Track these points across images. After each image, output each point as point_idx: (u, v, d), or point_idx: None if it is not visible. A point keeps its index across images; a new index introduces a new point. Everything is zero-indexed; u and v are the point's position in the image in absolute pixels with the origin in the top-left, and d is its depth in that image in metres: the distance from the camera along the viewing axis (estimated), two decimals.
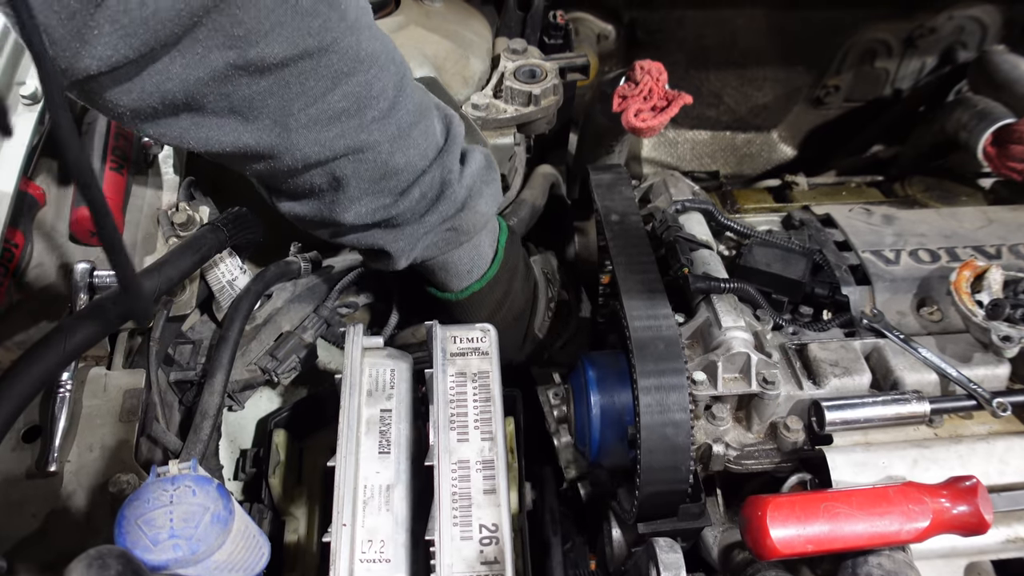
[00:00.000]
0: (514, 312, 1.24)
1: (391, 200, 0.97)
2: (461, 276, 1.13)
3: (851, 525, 0.88)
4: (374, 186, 0.95)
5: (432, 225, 1.02)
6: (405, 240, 1.02)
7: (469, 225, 1.06)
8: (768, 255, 1.21)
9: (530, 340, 1.28)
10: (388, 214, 0.98)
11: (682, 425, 0.98)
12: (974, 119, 1.47)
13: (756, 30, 1.89)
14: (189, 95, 0.76)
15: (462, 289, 1.14)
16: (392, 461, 0.96)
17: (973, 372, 1.08)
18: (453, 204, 1.02)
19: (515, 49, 1.37)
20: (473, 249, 1.11)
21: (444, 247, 1.07)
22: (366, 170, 0.92)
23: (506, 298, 1.20)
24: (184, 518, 0.81)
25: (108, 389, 1.07)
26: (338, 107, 0.85)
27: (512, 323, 1.25)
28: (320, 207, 0.97)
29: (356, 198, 0.95)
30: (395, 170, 0.94)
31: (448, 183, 1.01)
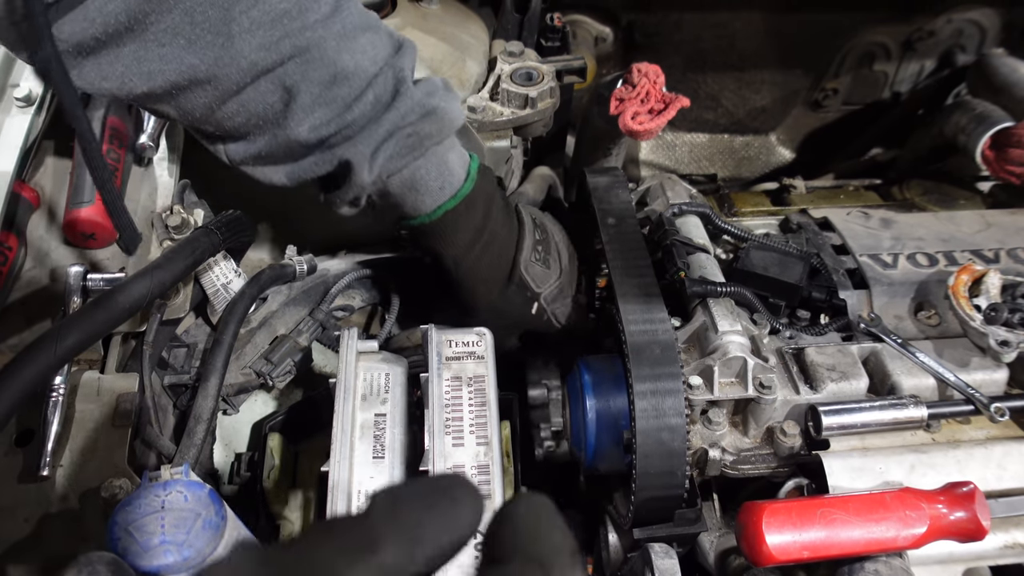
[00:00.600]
0: (497, 244, 1.15)
1: (344, 107, 0.94)
2: (432, 192, 1.06)
3: (847, 531, 0.87)
4: (325, 92, 0.92)
5: (391, 126, 0.97)
6: (364, 143, 0.97)
7: (431, 129, 1.01)
8: (765, 259, 1.21)
9: (516, 280, 1.17)
10: (344, 122, 0.94)
11: (678, 430, 0.98)
12: (972, 122, 1.47)
13: (754, 33, 1.88)
14: (131, 15, 0.77)
15: (436, 208, 1.07)
16: (386, 466, 0.96)
17: (971, 377, 1.08)
18: (410, 104, 0.98)
19: (512, 52, 1.37)
20: (441, 163, 1.06)
21: (407, 154, 1.01)
22: (315, 73, 0.90)
23: (486, 224, 1.12)
24: (176, 524, 0.80)
25: (101, 393, 1.07)
26: (279, 8, 0.85)
27: (496, 257, 1.16)
28: (274, 133, 0.94)
29: (309, 107, 0.92)
30: (345, 73, 0.92)
31: (402, 81, 0.98)
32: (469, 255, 1.12)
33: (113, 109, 1.25)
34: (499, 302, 1.18)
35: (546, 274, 1.20)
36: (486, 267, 1.14)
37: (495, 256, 1.15)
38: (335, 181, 1.02)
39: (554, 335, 1.26)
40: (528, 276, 1.18)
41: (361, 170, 0.98)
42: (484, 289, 1.16)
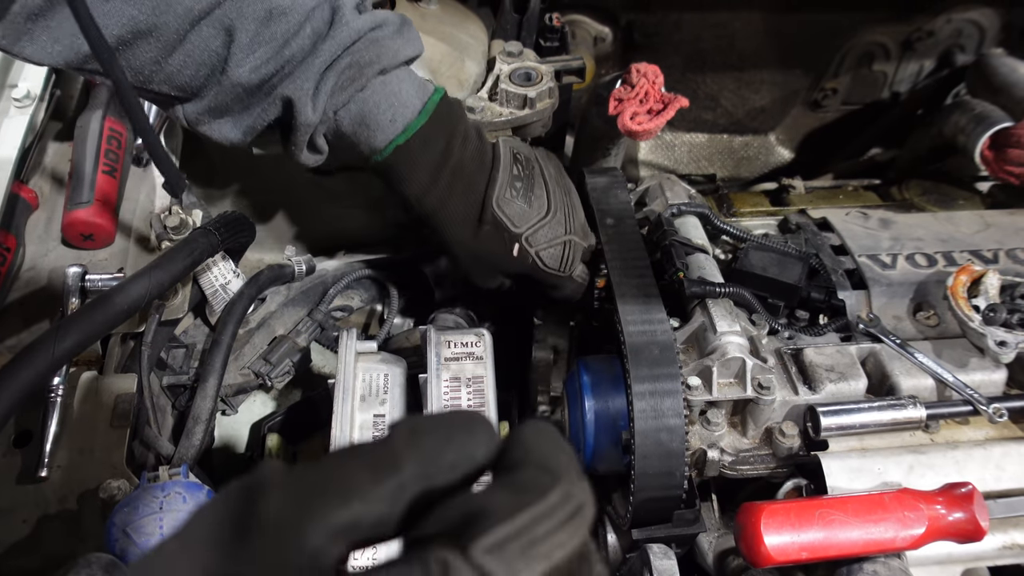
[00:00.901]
0: (463, 180, 1.07)
1: (283, 43, 0.93)
2: (383, 126, 1.01)
3: (846, 532, 0.87)
4: (263, 29, 0.91)
5: (328, 56, 0.95)
6: (303, 78, 0.94)
7: (373, 56, 0.98)
8: (764, 259, 1.21)
9: (489, 219, 1.08)
10: (283, 58, 0.93)
11: (676, 431, 0.98)
12: (972, 123, 1.47)
13: (753, 33, 1.88)
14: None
15: (388, 143, 1.02)
16: None
17: (970, 377, 1.08)
18: (347, 33, 0.96)
19: (511, 52, 1.37)
20: (390, 94, 1.01)
21: (348, 85, 0.98)
22: (250, 9, 0.90)
23: (446, 159, 1.05)
24: (174, 525, 0.80)
25: (100, 394, 1.07)
26: None
27: (463, 195, 1.08)
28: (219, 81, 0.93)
29: (248, 47, 0.91)
30: (281, 8, 0.92)
31: (338, 10, 0.96)
32: (431, 193, 1.06)
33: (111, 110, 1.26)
34: (473, 244, 1.10)
35: (526, 212, 1.11)
36: (454, 206, 1.07)
37: (461, 193, 1.08)
38: (287, 126, 0.99)
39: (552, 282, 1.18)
40: (503, 214, 1.09)
41: (304, 107, 0.95)
42: (455, 230, 1.09)
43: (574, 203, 1.18)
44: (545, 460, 0.39)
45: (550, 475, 0.38)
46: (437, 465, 0.38)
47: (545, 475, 0.38)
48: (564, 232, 1.14)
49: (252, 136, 0.99)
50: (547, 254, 1.13)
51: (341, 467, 0.37)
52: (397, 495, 0.37)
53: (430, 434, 0.39)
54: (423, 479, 0.38)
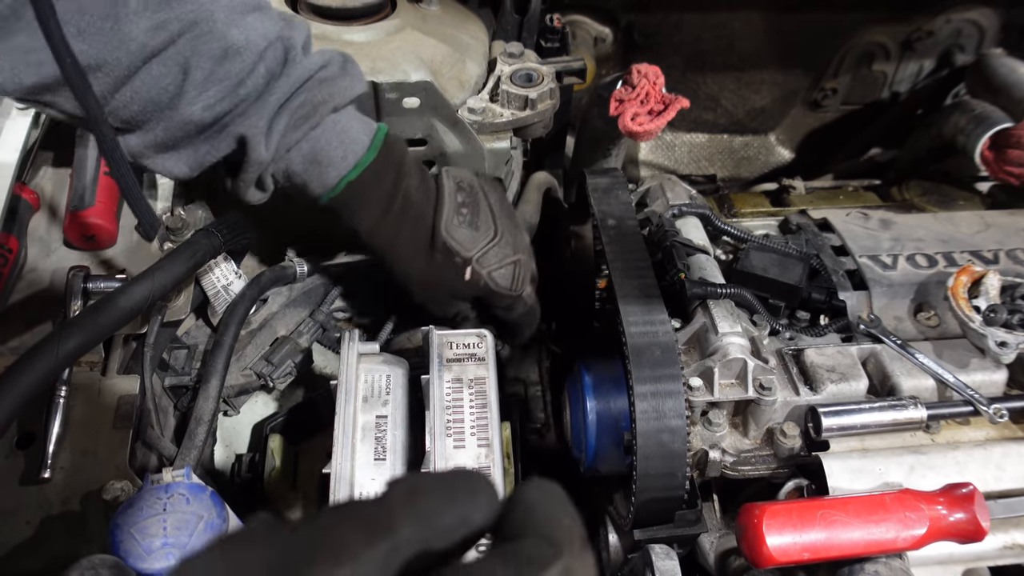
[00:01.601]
0: (412, 210, 1.10)
1: (237, 82, 0.94)
2: (335, 163, 1.03)
3: (847, 532, 0.87)
4: (217, 68, 0.92)
5: (281, 95, 0.96)
6: (257, 116, 0.96)
7: (325, 95, 1.00)
8: (765, 260, 1.21)
9: (440, 246, 1.11)
10: (237, 97, 0.94)
11: (678, 431, 0.98)
12: (971, 123, 1.47)
13: (753, 33, 1.88)
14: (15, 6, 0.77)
15: (340, 180, 1.04)
16: (388, 468, 0.96)
17: (970, 378, 1.08)
18: (300, 72, 0.97)
19: (512, 53, 1.37)
20: (341, 132, 1.04)
21: (302, 124, 0.99)
22: (206, 47, 0.90)
23: (395, 193, 1.08)
24: (178, 526, 0.81)
25: (102, 395, 1.07)
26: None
27: (413, 225, 1.11)
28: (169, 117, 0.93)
29: (201, 84, 0.92)
30: (236, 47, 0.92)
31: (291, 49, 0.97)
32: (383, 225, 1.08)
33: None
34: (428, 272, 1.13)
35: (474, 236, 1.13)
36: (405, 236, 1.10)
37: (411, 224, 1.11)
38: (236, 163, 1.00)
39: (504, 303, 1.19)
40: (453, 240, 1.11)
41: (258, 144, 0.96)
42: (407, 261, 1.12)
43: (518, 226, 1.22)
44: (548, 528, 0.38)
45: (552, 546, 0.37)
46: (434, 528, 0.37)
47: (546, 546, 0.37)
48: (512, 253, 1.17)
49: (198, 171, 1.00)
50: (499, 274, 1.15)
51: (334, 527, 0.36)
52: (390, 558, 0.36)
53: (429, 495, 0.38)
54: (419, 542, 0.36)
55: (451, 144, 1.27)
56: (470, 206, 1.15)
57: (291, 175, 1.04)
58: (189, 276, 1.10)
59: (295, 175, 1.04)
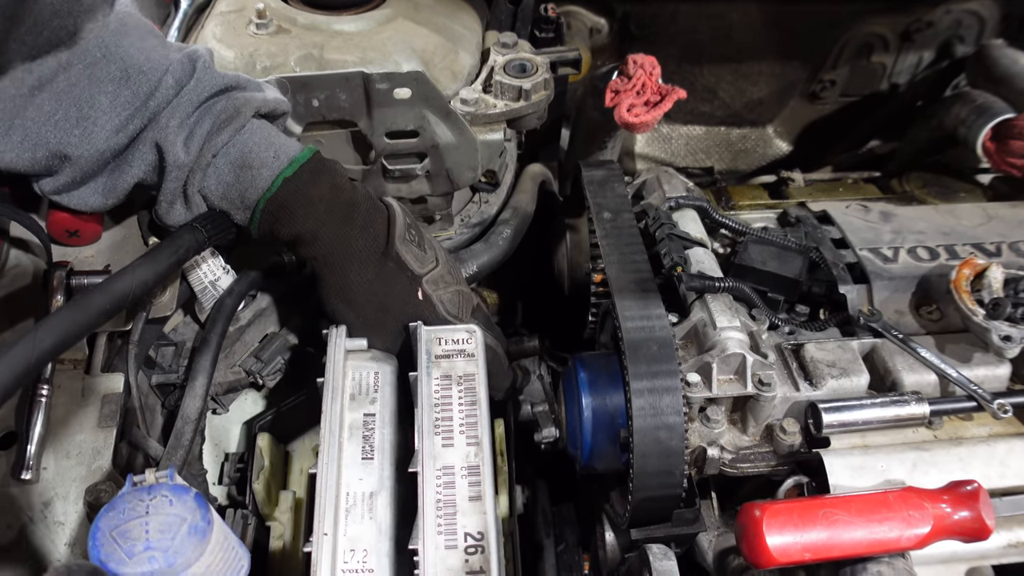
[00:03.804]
0: (361, 213, 1.03)
1: (146, 97, 0.90)
2: (268, 163, 0.98)
3: (850, 532, 0.85)
4: (122, 89, 0.88)
5: (195, 96, 0.92)
6: (168, 116, 0.91)
7: (246, 100, 0.97)
8: (764, 253, 1.19)
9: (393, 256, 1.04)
10: (148, 111, 0.90)
11: (676, 429, 0.96)
12: (973, 114, 1.45)
13: (751, 24, 1.86)
14: None
15: (275, 177, 0.98)
16: (375, 467, 0.94)
17: (973, 373, 1.06)
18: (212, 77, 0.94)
19: (505, 43, 1.34)
20: (269, 134, 0.99)
21: (227, 125, 0.95)
22: (104, 72, 0.87)
23: (338, 193, 1.01)
24: (160, 529, 0.78)
25: (86, 394, 1.04)
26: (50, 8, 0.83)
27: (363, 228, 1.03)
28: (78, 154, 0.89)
29: (108, 110, 0.88)
30: (137, 67, 0.88)
31: (198, 59, 0.94)
32: (328, 226, 1.01)
33: None
34: (378, 285, 1.03)
35: (423, 256, 1.07)
36: (354, 240, 1.02)
37: (361, 228, 1.03)
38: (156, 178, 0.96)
39: None
40: (406, 253, 1.04)
41: (173, 147, 0.92)
42: (356, 268, 1.02)
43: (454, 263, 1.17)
44: None
45: None
46: None
47: None
48: (455, 282, 1.11)
49: (115, 199, 0.98)
50: (447, 298, 1.08)
51: None
52: None
53: None
54: None
55: (443, 136, 1.24)
56: (416, 229, 1.09)
57: (225, 187, 0.99)
58: (173, 272, 1.07)
59: (229, 186, 0.99)
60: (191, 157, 0.95)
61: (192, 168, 0.96)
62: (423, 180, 1.30)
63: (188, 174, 0.97)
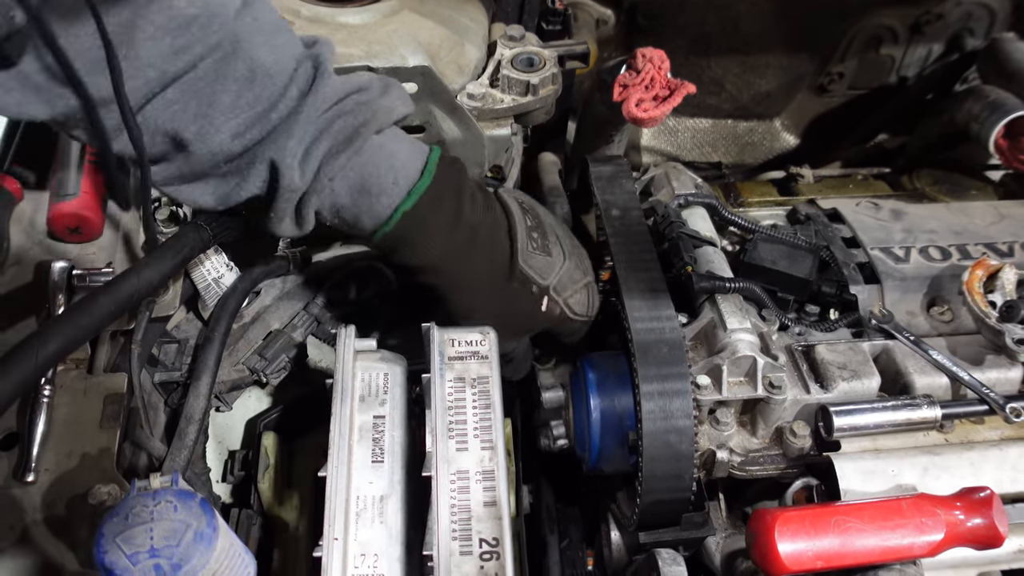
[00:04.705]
0: (481, 239, 1.01)
1: (269, 106, 0.87)
2: (387, 190, 0.94)
3: (862, 539, 0.85)
4: (245, 91, 0.85)
5: (315, 111, 0.88)
6: (287, 138, 0.88)
7: (367, 116, 0.92)
8: (773, 252, 1.17)
9: (518, 276, 1.02)
10: (269, 123, 0.87)
11: (685, 432, 0.95)
12: (986, 110, 1.43)
13: (759, 16, 1.83)
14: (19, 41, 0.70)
15: (394, 210, 0.95)
16: (386, 470, 0.92)
17: (985, 375, 1.05)
18: (332, 88, 0.90)
19: (512, 36, 1.32)
20: (389, 155, 0.95)
21: (344, 147, 0.91)
22: (231, 69, 0.83)
23: (459, 219, 0.98)
24: (165, 535, 0.77)
25: (88, 394, 1.03)
26: (187, 13, 0.79)
27: (485, 255, 1.02)
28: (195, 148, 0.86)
29: (229, 109, 0.84)
30: (265, 69, 0.85)
31: (322, 62, 0.90)
32: (449, 259, 0.99)
33: None
34: (502, 306, 1.03)
35: (549, 263, 1.05)
36: (477, 268, 1.01)
37: (483, 254, 1.01)
38: (268, 193, 0.92)
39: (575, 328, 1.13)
40: (530, 268, 1.03)
41: (290, 171, 0.88)
42: (481, 296, 1.02)
43: (578, 245, 1.14)
44: None
45: None
46: None
47: None
48: (583, 276, 1.11)
49: (227, 206, 0.93)
50: (575, 300, 1.09)
51: None
52: None
53: None
54: None
55: (450, 131, 1.22)
56: (539, 229, 1.07)
57: (339, 209, 0.95)
58: (177, 272, 1.06)
59: (344, 208, 0.95)
60: (307, 181, 0.90)
61: (308, 191, 0.92)
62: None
63: (303, 196, 0.93)
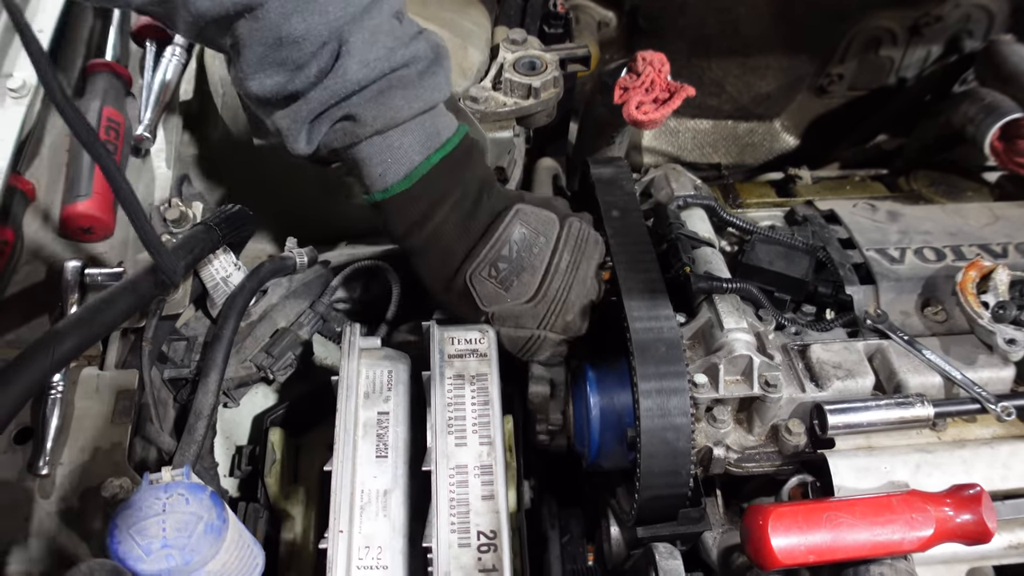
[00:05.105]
0: (440, 246, 1.04)
1: (289, 75, 0.93)
2: (372, 179, 1.00)
3: (853, 534, 0.87)
4: (272, 53, 0.91)
5: (318, 103, 0.93)
6: (289, 118, 0.95)
7: (372, 116, 0.95)
8: (771, 252, 1.19)
9: (458, 287, 1.05)
10: (286, 90, 0.94)
11: (683, 429, 0.97)
12: (981, 113, 1.45)
13: (759, 17, 1.85)
14: None
15: (372, 193, 1.02)
16: (389, 465, 0.95)
17: (978, 375, 1.07)
18: (344, 82, 0.92)
19: (515, 39, 1.34)
20: (386, 148, 0.98)
21: (345, 139, 0.97)
22: (259, 34, 0.89)
23: (424, 222, 1.02)
24: (177, 527, 0.80)
25: (100, 390, 1.06)
26: None
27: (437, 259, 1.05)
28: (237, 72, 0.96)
29: (255, 65, 0.92)
30: (292, 37, 0.89)
31: (343, 55, 0.92)
32: (407, 242, 1.05)
33: (109, 100, 1.23)
34: (444, 297, 1.09)
35: (498, 295, 1.05)
36: (430, 261, 1.06)
37: (437, 256, 1.05)
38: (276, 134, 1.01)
39: None
40: (473, 289, 1.04)
41: (295, 141, 0.97)
42: (429, 280, 1.09)
43: (569, 300, 1.08)
44: None
45: None
46: None
47: None
48: (535, 327, 1.07)
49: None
50: (506, 337, 1.07)
51: None
52: None
53: None
54: None
55: None
56: (513, 263, 1.05)
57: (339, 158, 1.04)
58: (188, 272, 1.09)
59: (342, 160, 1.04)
60: (309, 150, 0.99)
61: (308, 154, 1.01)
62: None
63: None
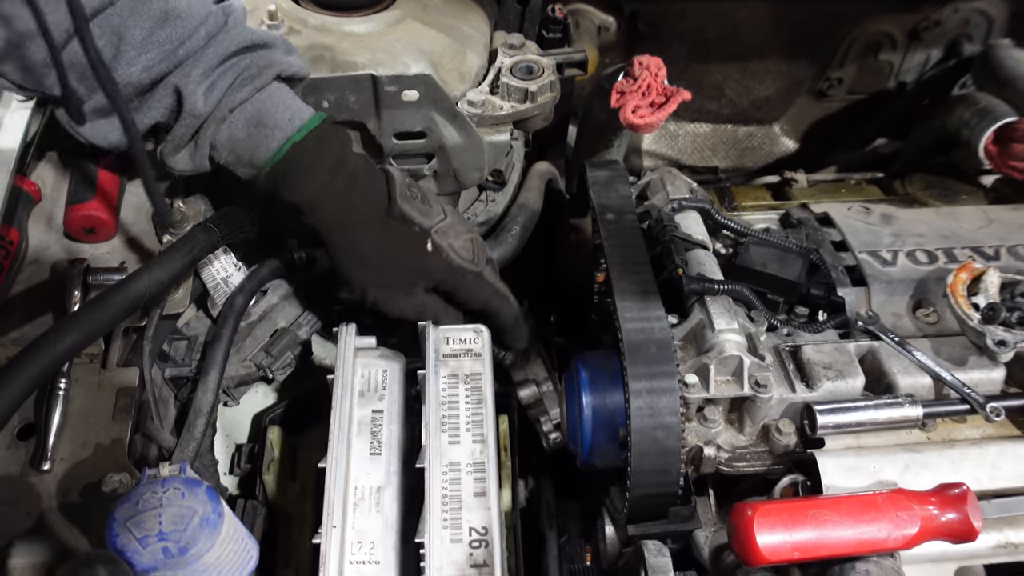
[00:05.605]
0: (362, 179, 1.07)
1: (178, 44, 0.95)
2: (282, 125, 1.01)
3: (838, 532, 0.88)
4: (157, 30, 0.93)
5: (222, 50, 0.97)
6: (194, 68, 0.96)
7: (271, 60, 1.01)
8: (764, 255, 1.20)
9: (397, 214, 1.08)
10: (176, 58, 0.95)
11: (673, 428, 0.98)
12: (976, 116, 1.46)
13: (758, 22, 1.86)
14: None
15: (284, 142, 1.01)
16: (383, 462, 0.97)
17: (968, 376, 1.08)
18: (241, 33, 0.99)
19: (512, 44, 1.36)
20: (288, 97, 1.04)
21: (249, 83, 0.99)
22: (145, 8, 0.92)
23: (342, 163, 1.05)
24: (173, 520, 0.82)
25: (102, 387, 1.08)
26: None
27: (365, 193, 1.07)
28: None
29: (140, 45, 0.93)
30: (177, 12, 0.94)
31: (232, 14, 0.99)
32: (331, 191, 1.04)
33: None
34: (384, 244, 1.08)
35: (428, 210, 1.12)
36: (356, 206, 1.06)
37: (362, 195, 1.06)
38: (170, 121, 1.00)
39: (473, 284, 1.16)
40: (410, 209, 1.08)
41: (193, 96, 0.96)
42: (360, 232, 1.07)
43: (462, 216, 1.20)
44: None
45: None
46: None
47: None
48: (466, 230, 1.15)
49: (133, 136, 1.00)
50: (459, 244, 1.12)
51: None
52: None
53: None
54: None
55: (450, 137, 1.26)
56: (419, 190, 1.14)
57: (235, 144, 1.02)
58: (187, 272, 1.11)
59: (239, 143, 1.02)
60: (208, 108, 0.98)
61: (207, 119, 1.00)
62: (430, 180, 1.32)
63: (202, 124, 1.00)
